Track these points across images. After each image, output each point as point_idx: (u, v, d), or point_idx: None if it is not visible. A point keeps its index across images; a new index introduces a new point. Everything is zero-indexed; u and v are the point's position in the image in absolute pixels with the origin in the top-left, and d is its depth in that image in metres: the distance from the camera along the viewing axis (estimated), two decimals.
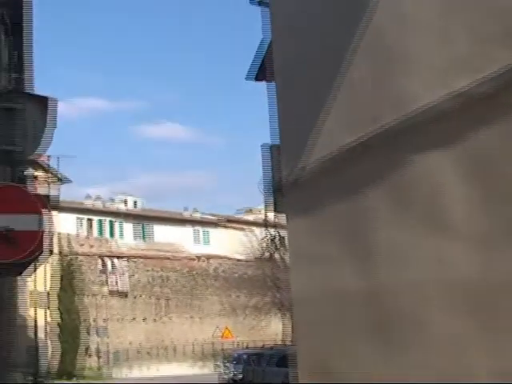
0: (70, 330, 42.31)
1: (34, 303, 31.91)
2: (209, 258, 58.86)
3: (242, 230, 54.50)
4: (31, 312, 36.57)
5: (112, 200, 57.97)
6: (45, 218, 6.25)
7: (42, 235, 6.14)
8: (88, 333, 43.26)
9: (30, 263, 6.38)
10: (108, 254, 52.61)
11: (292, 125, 10.39)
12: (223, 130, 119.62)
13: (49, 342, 41.68)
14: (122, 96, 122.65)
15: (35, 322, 29.66)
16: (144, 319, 53.84)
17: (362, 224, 7.64)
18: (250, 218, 59.35)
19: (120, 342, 50.86)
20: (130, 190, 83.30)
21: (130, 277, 53.42)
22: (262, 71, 11.54)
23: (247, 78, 12.02)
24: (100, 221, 53.87)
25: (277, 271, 37.77)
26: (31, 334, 38.43)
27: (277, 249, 12.93)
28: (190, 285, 57.16)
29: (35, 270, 6.90)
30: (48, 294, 42.40)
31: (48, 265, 42.05)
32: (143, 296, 54.33)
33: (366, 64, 7.52)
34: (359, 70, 7.63)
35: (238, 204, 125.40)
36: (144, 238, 56.50)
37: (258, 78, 12.00)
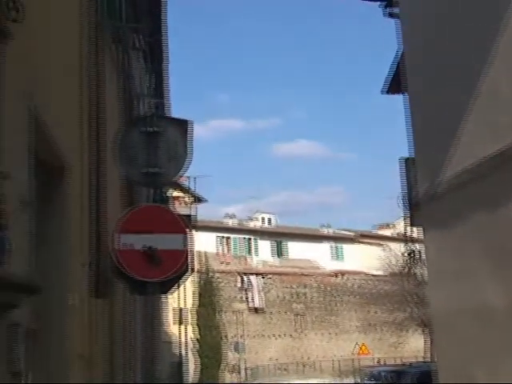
0: (210, 345, 43.13)
1: (177, 320, 32.78)
2: (344, 273, 58.50)
3: (377, 245, 53.74)
4: (174, 328, 37.54)
5: (249, 218, 58.81)
6: (188, 237, 6.43)
7: (187, 254, 6.32)
8: (227, 349, 43.91)
9: (174, 282, 6.56)
10: (245, 271, 53.30)
11: (427, 137, 10.20)
12: (356, 144, 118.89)
13: (191, 357, 42.65)
14: (255, 115, 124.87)
15: (179, 337, 30.40)
16: (280, 335, 54.08)
17: (505, 238, 7.37)
18: (386, 232, 58.49)
19: (257, 358, 51.31)
20: (266, 207, 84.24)
21: (266, 293, 53.88)
22: (395, 84, 11.42)
23: (383, 92, 11.93)
24: (236, 239, 54.75)
25: (416, 286, 36.96)
26: (175, 349, 39.41)
27: (415, 263, 12.66)
28: (325, 301, 56.96)
29: (178, 288, 7.09)
30: (190, 310, 43.46)
31: (189, 282, 43.17)
32: (280, 312, 54.62)
33: (505, 70, 7.27)
34: (498, 78, 7.39)
35: (370, 219, 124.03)
36: (279, 254, 56.92)
37: (391, 91, 11.89)
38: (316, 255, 57.31)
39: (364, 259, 56.84)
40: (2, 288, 2.81)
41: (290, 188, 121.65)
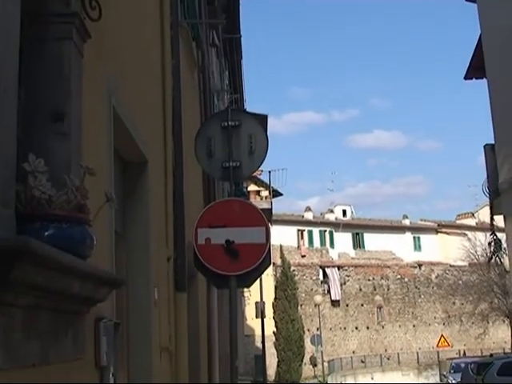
0: (290, 339, 43.13)
1: (259, 313, 32.90)
2: (423, 264, 57.56)
3: (458, 234, 52.64)
4: (255, 322, 37.66)
5: (327, 210, 58.45)
6: (268, 230, 6.36)
7: (267, 248, 6.24)
8: (311, 342, 43.76)
9: (256, 275, 6.49)
10: (323, 263, 53.09)
11: (508, 123, 9.85)
12: (438, 132, 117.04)
13: (272, 351, 42.72)
14: (333, 107, 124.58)
15: (262, 331, 30.50)
16: (358, 328, 53.67)
17: None
18: (469, 222, 57.15)
19: (335, 351, 51.04)
20: (343, 199, 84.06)
21: (342, 285, 53.54)
22: (477, 69, 11.10)
23: (466, 78, 11.61)
24: (314, 231, 54.48)
25: (499, 276, 36.07)
26: (256, 342, 39.55)
27: (498, 253, 12.34)
28: (402, 292, 56.21)
29: (259, 282, 6.98)
30: (272, 304, 43.52)
31: (269, 276, 43.25)
32: (358, 304, 54.21)
33: None
34: None
35: (453, 208, 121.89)
36: (359, 246, 56.42)
37: (474, 76, 11.55)
38: (395, 246, 56.53)
39: (443, 250, 55.86)
40: (87, 282, 2.78)
41: (367, 179, 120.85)
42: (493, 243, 12.60)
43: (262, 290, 30.41)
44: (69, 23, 3.09)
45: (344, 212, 58.68)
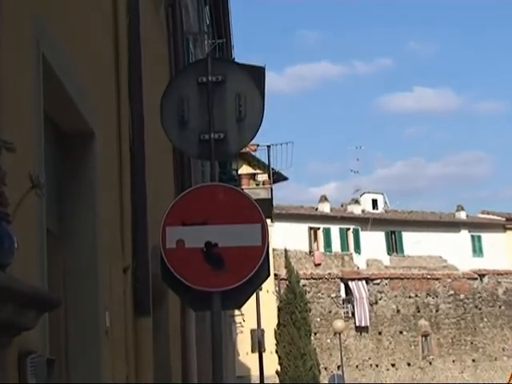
0: (300, 380, 43.18)
1: (255, 346, 32.94)
2: (485, 274, 57.64)
3: None
4: (251, 358, 37.71)
5: (350, 201, 58.32)
6: (266, 228, 6.34)
7: (264, 253, 6.22)
8: None
9: (249, 291, 6.50)
10: (344, 275, 53.07)
11: None
12: (504, 91, 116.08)
13: None
14: (356, 56, 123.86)
15: (260, 370, 30.51)
16: (395, 364, 53.77)
17: None
18: None
19: None
20: (373, 185, 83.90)
21: (373, 305, 53.60)
22: None
23: None
24: (329, 230, 54.43)
25: None
26: None
27: None
28: (457, 314, 56.34)
29: (246, 300, 6.92)
30: (274, 332, 43.50)
31: (269, 293, 43.28)
32: (393, 332, 54.30)
33: None
34: None
35: None
36: (395, 250, 56.33)
37: None
38: (446, 250, 56.43)
39: None
40: (6, 302, 2.77)
41: (406, 156, 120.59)
42: None
43: (260, 313, 30.42)
44: None
45: (374, 203, 58.63)
